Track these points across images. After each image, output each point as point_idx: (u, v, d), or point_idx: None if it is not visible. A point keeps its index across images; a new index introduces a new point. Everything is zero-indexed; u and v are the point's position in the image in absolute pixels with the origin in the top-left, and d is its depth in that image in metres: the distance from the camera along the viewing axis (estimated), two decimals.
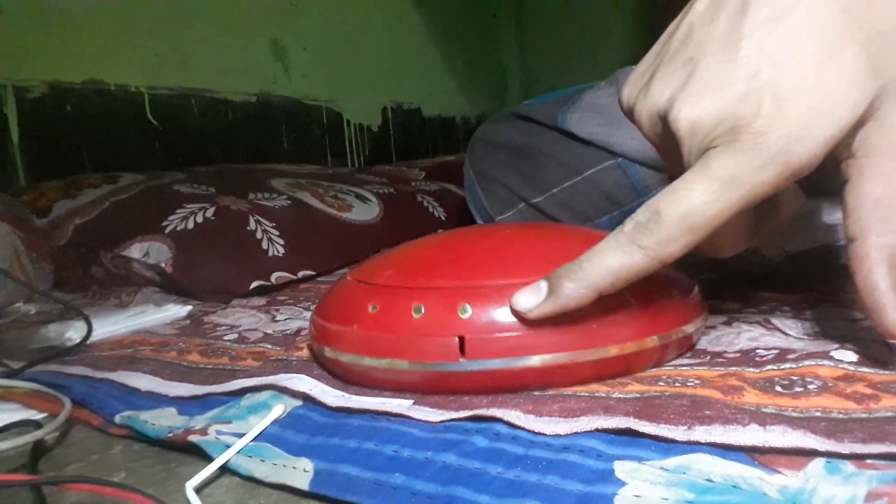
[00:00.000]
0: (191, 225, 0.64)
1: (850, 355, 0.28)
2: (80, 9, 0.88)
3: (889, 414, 0.23)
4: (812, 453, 0.21)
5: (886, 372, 0.27)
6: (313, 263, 0.69)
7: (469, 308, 0.29)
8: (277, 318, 0.51)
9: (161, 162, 0.94)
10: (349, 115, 1.29)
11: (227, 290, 0.60)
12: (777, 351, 0.31)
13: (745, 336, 0.34)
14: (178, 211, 0.66)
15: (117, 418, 0.32)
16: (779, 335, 0.34)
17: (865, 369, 0.27)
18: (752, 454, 0.22)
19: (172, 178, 0.77)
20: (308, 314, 0.50)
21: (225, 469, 0.26)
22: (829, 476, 0.20)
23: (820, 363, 0.28)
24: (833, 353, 0.29)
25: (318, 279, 0.69)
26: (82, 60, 0.88)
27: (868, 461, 0.20)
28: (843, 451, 0.20)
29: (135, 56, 0.94)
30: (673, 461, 0.22)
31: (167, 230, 0.63)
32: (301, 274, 0.67)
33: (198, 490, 0.25)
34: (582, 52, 1.36)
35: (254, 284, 0.61)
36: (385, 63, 1.37)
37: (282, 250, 0.67)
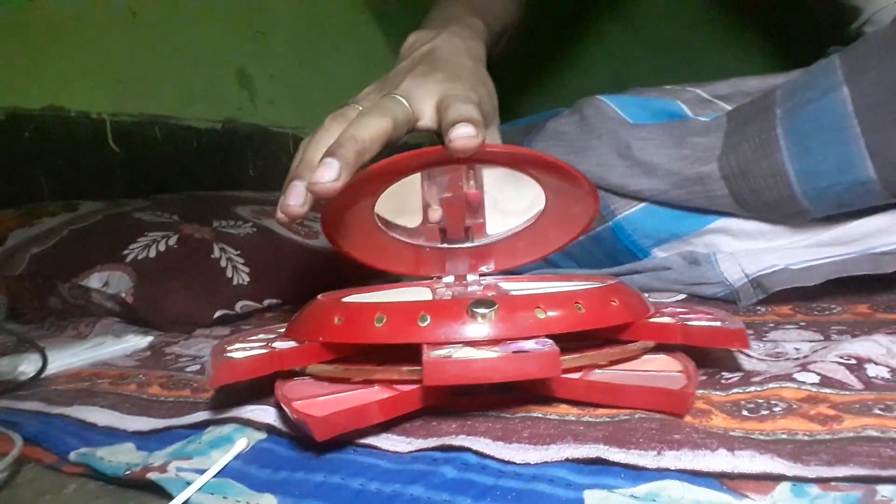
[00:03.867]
0: (153, 253, 0.62)
1: (811, 377, 0.29)
2: (40, 34, 0.87)
3: (851, 434, 0.23)
4: (779, 478, 0.21)
5: (846, 392, 0.27)
6: (279, 292, 0.68)
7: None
8: None
9: (123, 190, 0.92)
10: None
11: (189, 320, 0.59)
12: (741, 374, 0.32)
13: (709, 358, 0.34)
14: (139, 239, 0.64)
15: (72, 455, 0.31)
16: (742, 357, 0.35)
17: (827, 390, 0.28)
18: (722, 479, 0.22)
19: (134, 205, 0.75)
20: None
21: None
22: (795, 499, 0.20)
23: (784, 385, 0.28)
24: (796, 376, 0.29)
25: (284, 307, 0.68)
26: (42, 87, 0.87)
27: (833, 483, 0.20)
28: (809, 475, 0.21)
29: (97, 82, 0.93)
30: (643, 488, 0.22)
31: (128, 259, 0.61)
32: (266, 302, 0.66)
33: None
34: (547, 80, 1.38)
35: (218, 314, 0.60)
36: (353, 91, 1.38)
37: (247, 278, 0.66)
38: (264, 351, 0.33)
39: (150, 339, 0.52)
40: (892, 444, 0.22)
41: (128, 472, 0.28)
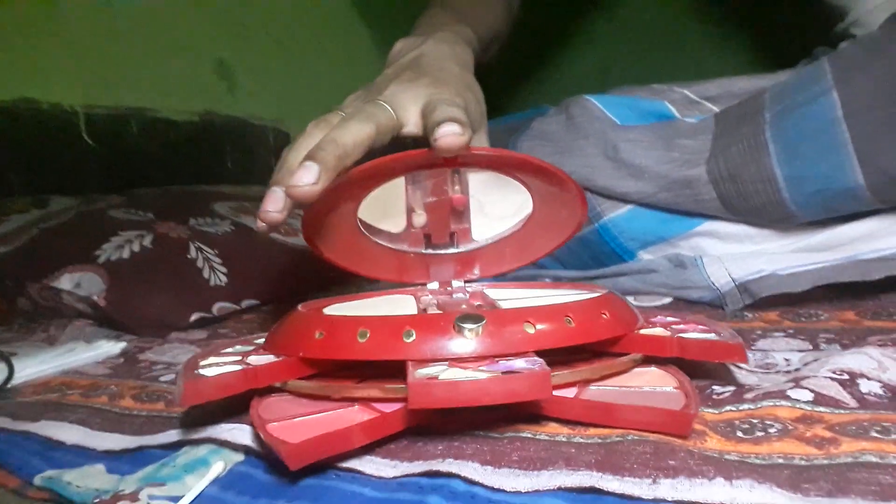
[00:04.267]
0: (126, 254, 0.60)
1: (805, 394, 0.28)
2: (10, 23, 0.83)
3: (849, 460, 0.23)
4: None
5: (841, 411, 0.27)
6: (258, 292, 0.66)
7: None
8: None
9: (97, 185, 0.89)
10: (297, 135, 1.26)
11: (165, 324, 0.57)
12: (734, 388, 0.31)
13: (699, 369, 0.33)
14: (112, 239, 0.62)
15: (37, 479, 0.29)
16: (732, 368, 0.34)
17: (822, 409, 0.27)
18: None
19: (108, 202, 0.73)
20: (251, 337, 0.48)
21: None
22: None
23: (778, 404, 0.28)
24: (789, 393, 0.28)
25: (263, 309, 0.67)
26: (13, 78, 0.83)
27: None
28: None
29: (70, 74, 0.89)
30: None
31: (100, 259, 0.59)
32: (245, 304, 0.65)
33: None
34: (531, 74, 1.37)
35: (194, 317, 0.58)
36: (335, 82, 1.35)
37: (224, 279, 0.64)
38: (237, 368, 0.31)
39: (122, 345, 0.50)
40: (891, 471, 0.22)
41: (97, 501, 0.26)
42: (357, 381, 0.31)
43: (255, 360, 0.33)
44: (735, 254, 0.51)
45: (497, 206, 0.43)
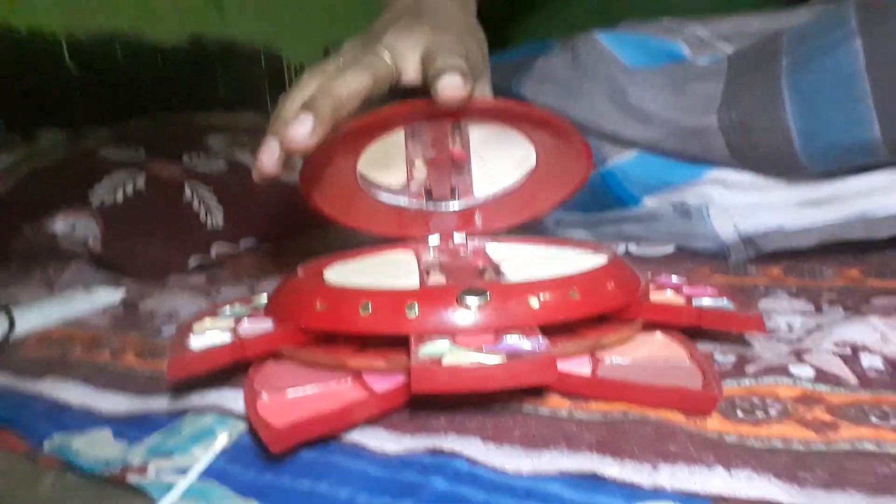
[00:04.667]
0: (120, 198, 0.59)
1: (807, 370, 0.28)
2: None
3: (847, 447, 0.23)
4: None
5: (842, 390, 0.27)
6: (256, 232, 0.66)
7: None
8: None
9: (84, 115, 0.87)
10: (289, 58, 1.22)
11: (162, 269, 0.56)
12: (734, 357, 0.31)
13: (699, 330, 0.33)
14: (104, 180, 0.61)
15: (46, 445, 0.30)
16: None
17: (823, 387, 0.27)
18: (718, 501, 0.21)
19: (97, 138, 0.71)
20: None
21: None
22: None
23: (779, 381, 0.28)
24: (791, 368, 0.29)
25: (262, 248, 0.66)
26: None
27: None
28: (805, 503, 0.20)
29: None
30: None
31: (94, 204, 0.58)
32: (243, 244, 0.64)
33: None
34: (538, 6, 1.31)
35: (193, 261, 0.58)
36: (326, 2, 1.29)
37: (221, 219, 0.63)
38: (227, 337, 0.31)
39: (121, 293, 0.50)
40: (887, 462, 0.22)
41: (106, 472, 0.27)
42: (355, 349, 0.31)
43: (248, 327, 0.33)
44: (742, 206, 0.50)
45: (499, 160, 0.42)
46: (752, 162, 0.49)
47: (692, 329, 0.33)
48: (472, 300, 0.29)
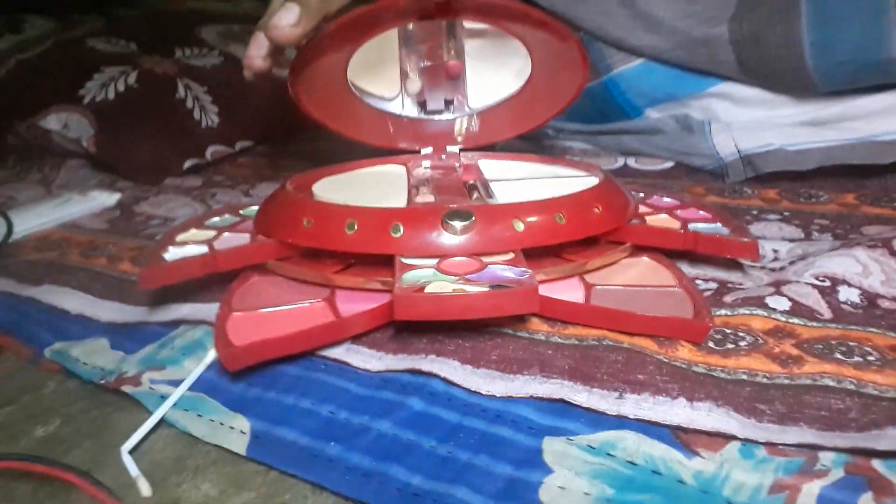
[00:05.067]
0: (111, 94, 0.58)
1: (783, 302, 0.29)
2: None
3: (808, 382, 0.24)
4: (731, 437, 0.22)
5: (813, 324, 0.27)
6: (251, 133, 0.65)
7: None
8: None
9: (68, 1, 0.83)
10: None
11: (158, 170, 0.56)
12: (715, 284, 0.32)
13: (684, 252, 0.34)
14: (95, 76, 0.59)
15: (47, 352, 0.31)
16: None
17: (795, 320, 0.28)
18: (677, 432, 0.22)
19: (87, 28, 0.68)
20: (247, 200, 0.49)
21: (162, 420, 0.26)
22: (742, 460, 0.21)
23: (754, 312, 0.28)
24: (768, 300, 0.29)
25: (258, 150, 0.66)
26: None
27: (780, 447, 0.21)
28: (759, 439, 0.21)
29: None
30: (600, 437, 0.22)
31: (85, 100, 0.57)
32: (239, 146, 0.63)
33: (135, 447, 0.25)
34: None
35: (188, 163, 0.57)
36: None
37: (216, 119, 0.62)
38: (202, 251, 0.32)
39: (117, 196, 0.50)
40: (842, 397, 0.23)
41: (102, 381, 0.28)
42: (337, 265, 0.32)
43: (225, 239, 0.33)
44: (745, 123, 0.48)
45: (494, 72, 0.41)
46: (760, 76, 0.47)
47: (675, 251, 0.33)
48: (456, 223, 0.29)
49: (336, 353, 0.28)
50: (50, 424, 0.27)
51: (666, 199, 0.39)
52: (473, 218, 0.29)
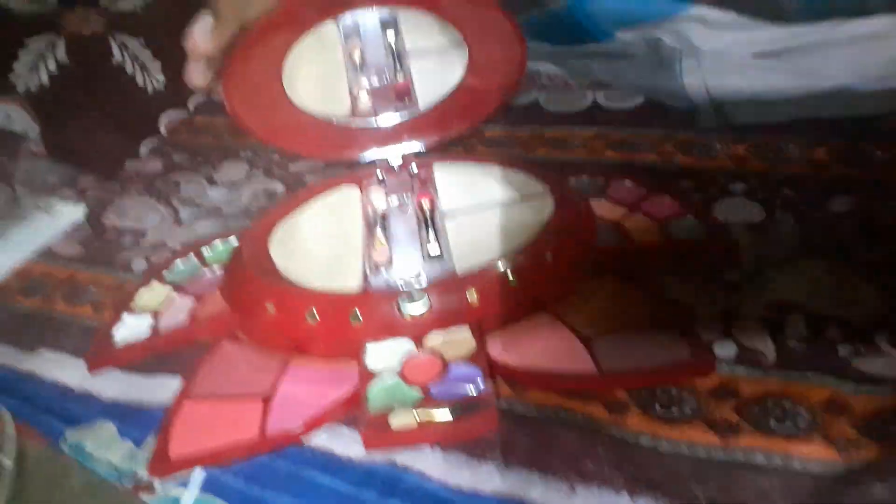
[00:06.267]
0: (45, 78, 0.54)
1: (730, 348, 0.30)
2: None
3: (741, 458, 0.26)
4: None
5: (759, 374, 0.29)
6: None
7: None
8: (181, 217, 0.48)
9: None
10: None
11: (114, 160, 0.54)
12: None
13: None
14: (20, 54, 0.55)
15: (63, 446, 0.34)
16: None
17: (741, 371, 0.29)
18: None
19: None
20: (212, 191, 0.49)
21: None
22: None
23: None
24: (715, 347, 0.30)
25: (217, 114, 0.62)
26: None
27: None
28: None
29: None
30: None
31: (19, 87, 0.54)
32: (192, 104, 0.60)
33: None
34: None
35: (144, 147, 0.55)
36: None
37: (161, 78, 0.58)
38: (145, 332, 0.35)
39: (82, 207, 0.49)
40: (770, 475, 0.26)
41: (118, 483, 0.32)
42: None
43: (168, 317, 0.36)
44: (719, 53, 0.45)
45: (437, 65, 0.38)
46: None
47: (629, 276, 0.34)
48: (411, 307, 0.30)
49: (321, 440, 0.31)
50: None
51: (627, 183, 0.39)
52: (426, 297, 0.30)
